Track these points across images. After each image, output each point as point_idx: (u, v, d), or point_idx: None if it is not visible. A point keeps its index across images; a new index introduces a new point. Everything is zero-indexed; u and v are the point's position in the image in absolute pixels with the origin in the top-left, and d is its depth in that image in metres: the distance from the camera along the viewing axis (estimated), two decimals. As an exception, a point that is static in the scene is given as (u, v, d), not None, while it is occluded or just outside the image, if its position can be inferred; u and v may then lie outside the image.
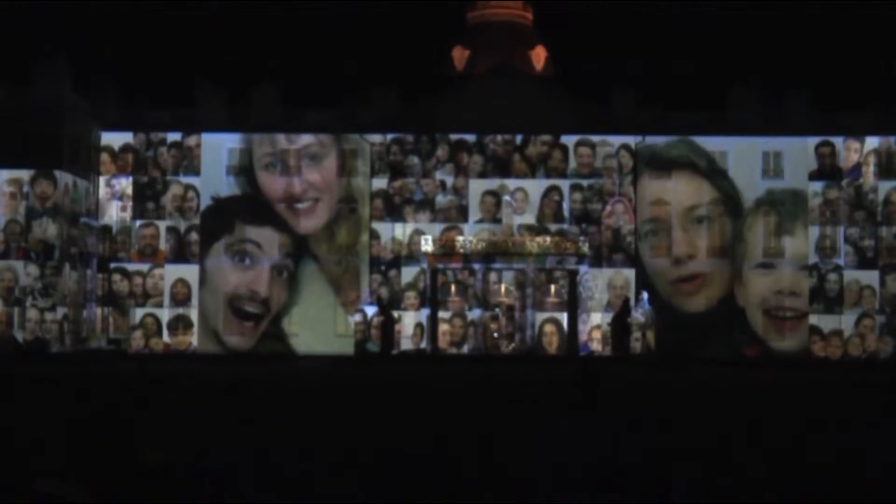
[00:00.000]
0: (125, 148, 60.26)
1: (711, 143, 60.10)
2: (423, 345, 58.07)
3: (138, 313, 59.56)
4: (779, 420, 19.36)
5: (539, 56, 72.58)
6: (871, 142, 59.92)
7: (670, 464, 11.63)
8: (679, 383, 32.69)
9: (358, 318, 58.59)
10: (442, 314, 58.59)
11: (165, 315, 59.48)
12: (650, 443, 14.34)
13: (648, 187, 60.08)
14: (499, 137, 60.42)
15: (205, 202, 60.05)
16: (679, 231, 59.73)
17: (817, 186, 59.86)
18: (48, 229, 54.73)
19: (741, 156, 59.93)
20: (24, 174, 54.71)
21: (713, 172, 60.10)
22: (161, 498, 9.97)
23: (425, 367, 45.48)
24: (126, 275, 59.75)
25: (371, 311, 57.87)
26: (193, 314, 59.39)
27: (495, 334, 58.86)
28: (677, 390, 29.19)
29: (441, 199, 60.35)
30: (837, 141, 59.90)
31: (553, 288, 59.46)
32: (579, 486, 10.77)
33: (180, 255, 59.83)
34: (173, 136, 60.36)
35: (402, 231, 60.03)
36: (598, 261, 59.35)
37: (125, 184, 60.22)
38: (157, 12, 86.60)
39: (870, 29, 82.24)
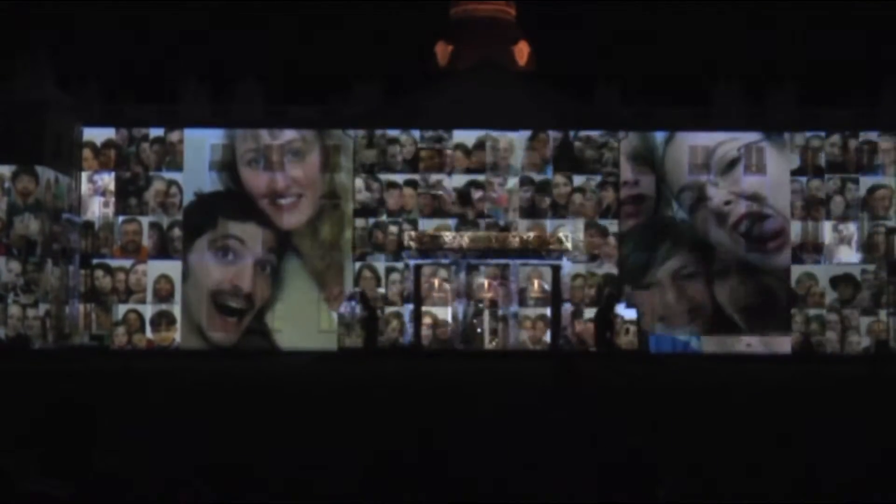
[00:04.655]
0: (107, 144, 60.05)
1: (696, 139, 60.16)
2: (407, 340, 58.06)
3: (121, 309, 59.39)
4: (759, 414, 19.48)
5: (522, 51, 72.59)
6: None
7: (654, 462, 11.68)
8: (662, 379, 32.82)
9: (342, 312, 58.59)
10: (426, 309, 58.58)
11: (148, 311, 59.34)
12: (632, 440, 14.42)
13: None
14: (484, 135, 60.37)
15: (188, 198, 59.90)
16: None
17: (798, 182, 60.06)
18: (30, 225, 54.51)
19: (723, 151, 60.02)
20: (6, 170, 54.48)
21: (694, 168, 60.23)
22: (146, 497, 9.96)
23: (408, 362, 45.50)
24: (108, 271, 59.57)
25: (355, 306, 57.82)
26: (176, 310, 59.26)
27: (479, 329, 58.92)
28: (660, 386, 29.31)
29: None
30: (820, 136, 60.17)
31: (536, 283, 59.53)
32: (561, 485, 10.82)
33: (163, 250, 59.67)
34: (156, 132, 60.18)
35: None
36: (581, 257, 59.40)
37: (107, 180, 60.02)
38: (141, 8, 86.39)
39: (852, 25, 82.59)
